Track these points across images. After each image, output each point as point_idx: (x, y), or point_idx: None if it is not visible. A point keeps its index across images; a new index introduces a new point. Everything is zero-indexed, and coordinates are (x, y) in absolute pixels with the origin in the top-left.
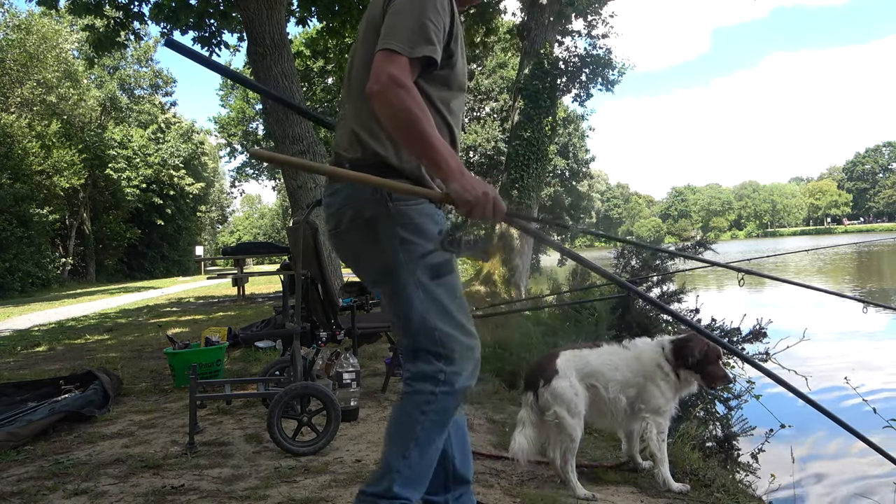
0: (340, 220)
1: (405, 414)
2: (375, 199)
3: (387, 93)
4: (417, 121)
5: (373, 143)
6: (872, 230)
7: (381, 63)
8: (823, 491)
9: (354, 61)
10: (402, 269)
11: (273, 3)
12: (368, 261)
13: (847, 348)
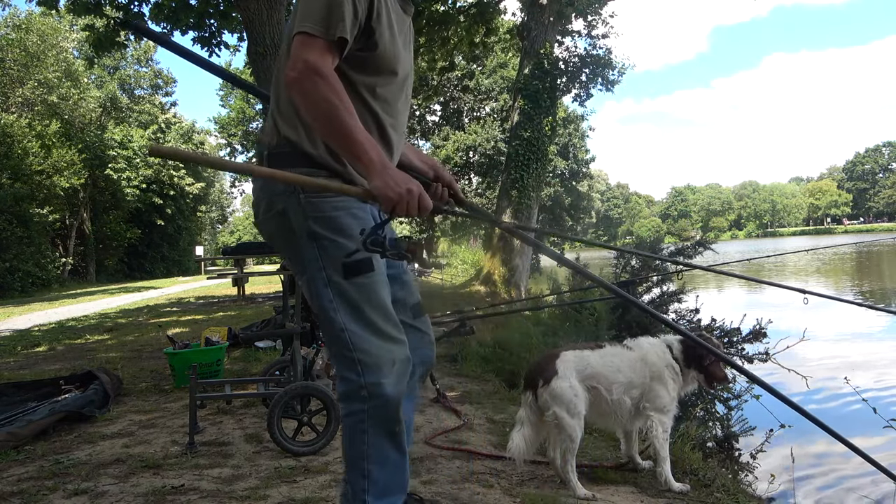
0: (258, 210)
1: (348, 436)
2: (287, 192)
3: (303, 81)
4: (335, 110)
5: (287, 129)
6: (872, 230)
7: (297, 48)
8: (823, 491)
9: (283, 43)
10: (313, 264)
11: (273, 3)
12: (286, 252)
13: (847, 348)
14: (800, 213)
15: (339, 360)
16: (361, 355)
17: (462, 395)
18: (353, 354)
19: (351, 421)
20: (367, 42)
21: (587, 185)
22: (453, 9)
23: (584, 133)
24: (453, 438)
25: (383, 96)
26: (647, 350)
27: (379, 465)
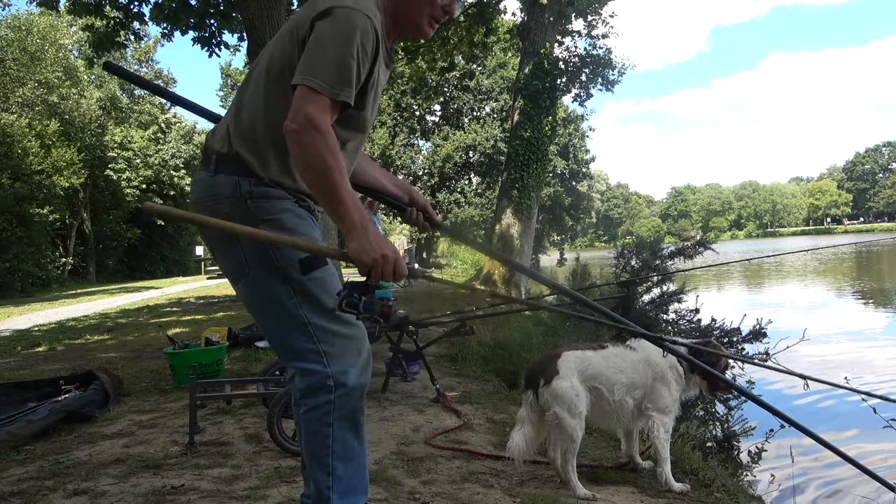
0: (200, 212)
1: (312, 433)
2: (234, 196)
3: (303, 135)
4: (329, 170)
5: (242, 148)
6: (872, 230)
7: (301, 100)
8: (823, 491)
9: (261, 59)
10: (265, 264)
11: (273, 3)
12: (227, 256)
13: (847, 348)
14: (800, 213)
15: (300, 355)
16: (326, 346)
17: (462, 395)
18: (317, 346)
19: (315, 415)
20: (359, 102)
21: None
22: None
23: (584, 133)
24: (453, 438)
25: (352, 150)
26: (651, 351)
27: (343, 462)
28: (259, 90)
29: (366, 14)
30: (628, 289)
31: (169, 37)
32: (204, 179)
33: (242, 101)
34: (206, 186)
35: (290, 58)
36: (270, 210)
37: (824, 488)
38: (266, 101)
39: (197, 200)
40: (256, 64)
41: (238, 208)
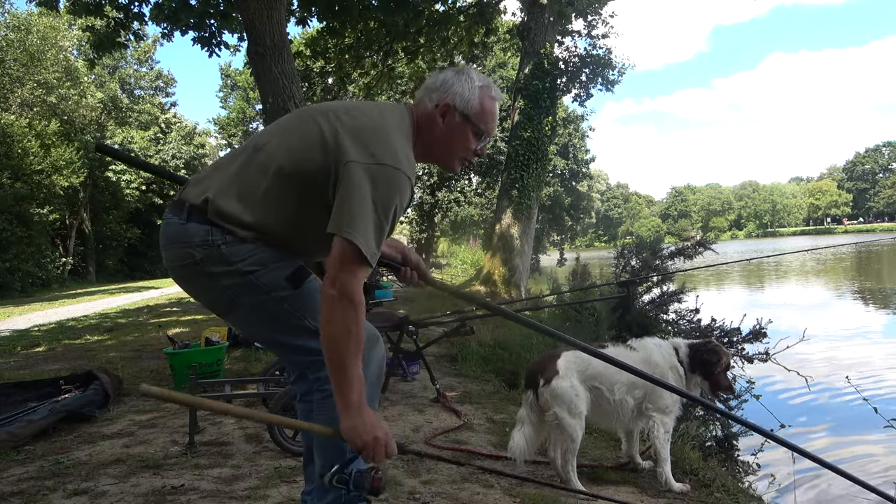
0: (171, 255)
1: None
2: (204, 243)
3: (338, 304)
4: (348, 343)
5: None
6: (872, 230)
7: (343, 263)
8: (823, 491)
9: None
10: (255, 295)
11: (273, 3)
12: (210, 296)
13: (847, 348)
14: (800, 213)
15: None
16: None
17: (462, 395)
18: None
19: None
20: None
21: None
22: (453, 9)
23: (584, 133)
24: (453, 438)
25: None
26: (653, 351)
27: None
28: (268, 177)
29: (408, 176)
30: (628, 289)
31: (169, 37)
32: (173, 223)
33: (243, 176)
34: (176, 231)
35: (316, 167)
36: (243, 250)
37: (824, 488)
38: (276, 194)
39: (167, 245)
40: (262, 144)
41: (210, 254)
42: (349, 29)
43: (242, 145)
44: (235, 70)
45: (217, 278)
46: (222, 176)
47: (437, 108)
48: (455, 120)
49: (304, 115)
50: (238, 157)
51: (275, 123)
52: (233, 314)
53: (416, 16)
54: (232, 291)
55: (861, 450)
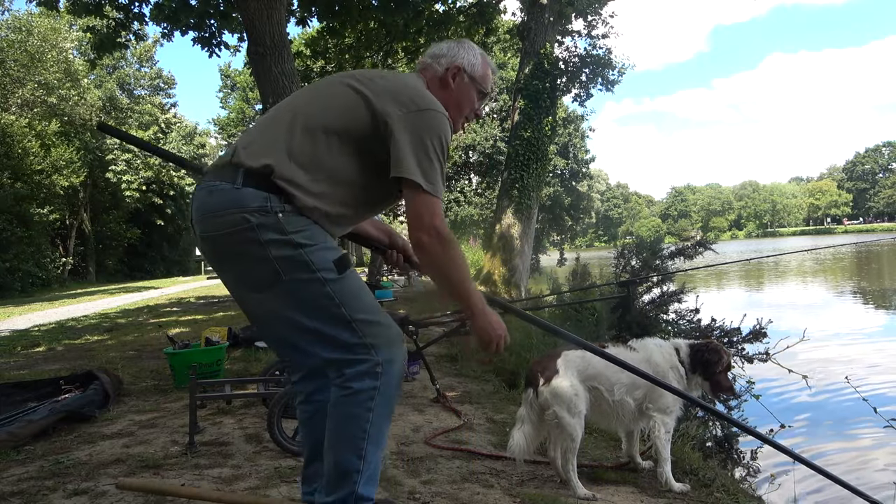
0: (221, 222)
1: (350, 416)
2: (262, 208)
3: (436, 246)
4: (461, 272)
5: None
6: (872, 230)
7: (425, 210)
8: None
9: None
10: (301, 271)
11: (273, 3)
12: (252, 267)
13: (847, 348)
14: (800, 213)
15: (348, 348)
16: (372, 339)
17: (462, 395)
18: (364, 339)
19: (358, 399)
20: None
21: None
22: (453, 9)
23: (584, 133)
24: (453, 438)
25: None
26: (653, 351)
27: (375, 448)
28: (317, 140)
29: (447, 116)
30: (628, 289)
31: (169, 37)
32: (225, 191)
33: (295, 141)
34: (231, 199)
35: (363, 124)
36: (301, 222)
37: (824, 488)
38: (319, 150)
39: (215, 213)
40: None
41: (268, 220)
42: (349, 29)
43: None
44: (235, 70)
45: (267, 247)
46: (272, 140)
47: (448, 71)
48: (464, 81)
49: (331, 82)
50: (279, 123)
51: (299, 93)
52: (270, 290)
53: (416, 16)
54: (279, 263)
55: (861, 450)
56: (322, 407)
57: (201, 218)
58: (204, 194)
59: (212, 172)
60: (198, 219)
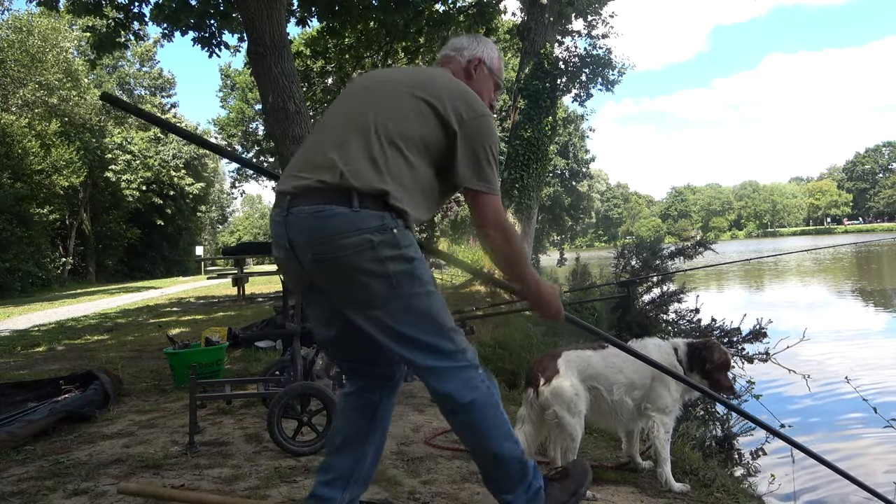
0: (344, 244)
1: (488, 417)
2: (381, 227)
3: (499, 239)
4: (523, 255)
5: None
6: (872, 230)
7: (488, 210)
8: (823, 491)
9: (375, 107)
10: (413, 285)
11: (273, 3)
12: (368, 285)
13: (847, 348)
14: (800, 213)
15: (448, 355)
16: (464, 344)
17: None
18: (459, 346)
19: (486, 401)
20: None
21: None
22: (453, 9)
23: (584, 133)
24: (453, 438)
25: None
26: (651, 351)
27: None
28: (402, 152)
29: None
30: (628, 289)
31: (169, 37)
32: (343, 213)
33: (385, 157)
34: (350, 221)
35: (432, 132)
36: (410, 236)
37: (824, 489)
38: (406, 162)
39: (332, 236)
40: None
41: (387, 237)
42: (349, 29)
43: (345, 123)
44: (235, 70)
45: (386, 263)
46: (367, 158)
47: (470, 63)
48: (484, 72)
49: (393, 90)
50: (360, 135)
51: (362, 100)
52: (385, 306)
53: (416, 16)
54: (395, 278)
55: (861, 450)
56: (369, 404)
57: (317, 241)
58: (314, 219)
59: (312, 195)
60: (310, 242)
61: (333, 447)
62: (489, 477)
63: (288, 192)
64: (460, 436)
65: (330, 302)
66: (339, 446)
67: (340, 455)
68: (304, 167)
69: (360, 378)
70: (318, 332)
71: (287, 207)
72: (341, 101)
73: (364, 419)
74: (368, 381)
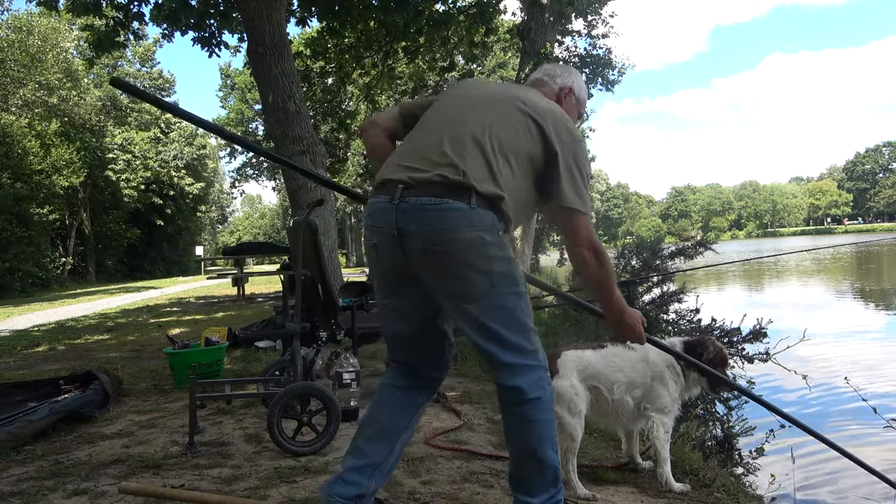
0: (457, 238)
1: (542, 421)
2: (493, 227)
3: (595, 258)
4: (611, 278)
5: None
6: (872, 230)
7: (586, 230)
8: (823, 491)
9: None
10: (509, 285)
11: (273, 3)
12: (472, 279)
13: (847, 348)
14: (800, 214)
15: (526, 354)
16: (539, 346)
17: (462, 395)
18: (536, 347)
19: (544, 405)
20: None
21: None
22: (453, 9)
23: (584, 133)
24: (453, 438)
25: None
26: (650, 349)
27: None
28: (511, 164)
29: None
30: (628, 289)
31: (169, 37)
32: (462, 210)
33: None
34: (468, 219)
35: (537, 150)
36: (506, 240)
37: (825, 488)
38: (513, 175)
39: (446, 230)
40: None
41: (495, 237)
42: (349, 29)
43: (459, 128)
44: (235, 70)
45: (492, 262)
46: (482, 163)
47: (562, 90)
48: (572, 102)
49: (504, 103)
50: (475, 142)
51: (473, 104)
52: (480, 301)
53: (416, 16)
54: (496, 277)
55: (860, 450)
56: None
57: (434, 233)
58: (434, 211)
59: (430, 187)
60: (424, 233)
61: (368, 435)
62: (519, 475)
63: (402, 181)
64: (513, 429)
65: (416, 296)
66: (374, 435)
67: (375, 444)
68: (417, 160)
69: (413, 377)
70: (392, 324)
71: (400, 196)
72: (449, 104)
73: (406, 416)
74: (422, 381)
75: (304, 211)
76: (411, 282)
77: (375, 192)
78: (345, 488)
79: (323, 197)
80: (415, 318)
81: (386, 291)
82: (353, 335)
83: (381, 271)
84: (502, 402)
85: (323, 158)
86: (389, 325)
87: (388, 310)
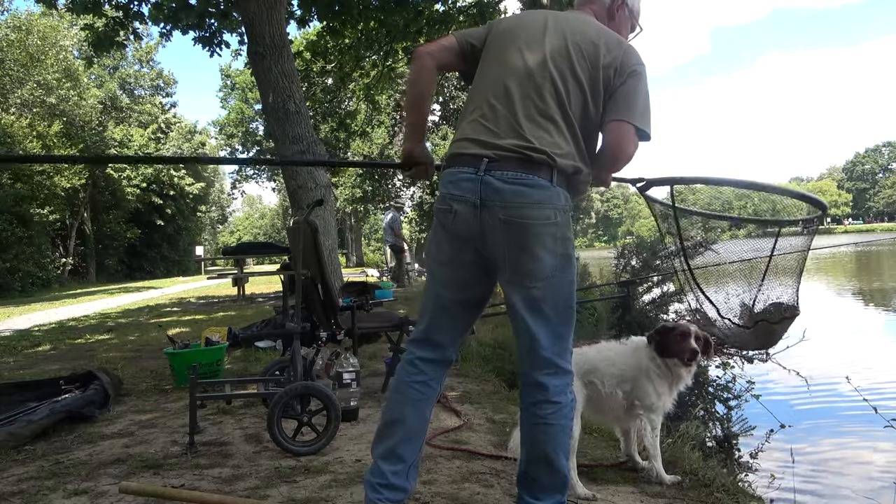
0: (533, 213)
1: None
2: (566, 207)
3: (623, 164)
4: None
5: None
6: (872, 230)
7: (629, 142)
8: (823, 491)
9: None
10: (571, 269)
11: (273, 3)
12: (540, 257)
13: (847, 348)
14: (800, 214)
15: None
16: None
17: (462, 395)
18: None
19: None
20: None
21: None
22: (453, 9)
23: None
24: (453, 438)
25: None
26: (637, 344)
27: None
28: (589, 117)
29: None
30: (628, 289)
31: (169, 36)
32: (547, 188)
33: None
34: (549, 196)
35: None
36: (571, 223)
37: (824, 488)
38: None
39: (530, 205)
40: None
41: (565, 217)
42: (349, 29)
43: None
44: (235, 70)
45: (559, 242)
46: (558, 137)
47: (614, 3)
48: (625, 14)
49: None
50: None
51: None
52: (542, 281)
53: (416, 16)
54: (562, 259)
55: (860, 449)
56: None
57: (516, 205)
58: (520, 185)
59: (514, 162)
60: (507, 205)
61: (400, 437)
62: (529, 476)
63: (486, 155)
64: (529, 428)
65: (479, 264)
66: (405, 437)
67: (409, 444)
68: (497, 135)
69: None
70: (445, 293)
71: (485, 170)
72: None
73: (428, 408)
74: (440, 368)
75: (305, 211)
76: (476, 251)
77: (457, 162)
78: (393, 493)
79: (323, 197)
80: (468, 286)
81: (448, 257)
82: (353, 335)
83: (450, 237)
84: (523, 397)
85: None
86: (440, 290)
87: (444, 277)
